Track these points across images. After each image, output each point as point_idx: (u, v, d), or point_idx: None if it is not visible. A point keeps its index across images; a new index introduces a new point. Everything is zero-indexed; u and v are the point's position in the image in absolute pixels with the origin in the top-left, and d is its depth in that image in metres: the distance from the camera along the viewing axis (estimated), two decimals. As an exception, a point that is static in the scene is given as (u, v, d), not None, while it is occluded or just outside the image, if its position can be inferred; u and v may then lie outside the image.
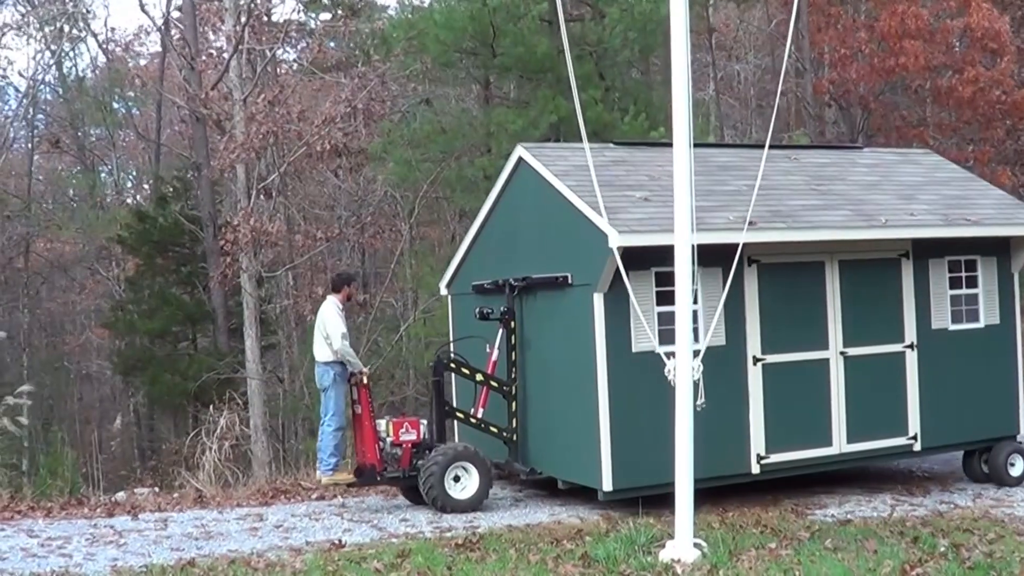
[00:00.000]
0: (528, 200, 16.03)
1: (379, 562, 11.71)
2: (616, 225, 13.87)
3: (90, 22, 40.56)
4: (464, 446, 15.44)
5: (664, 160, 16.40)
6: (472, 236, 17.52)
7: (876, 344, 15.81)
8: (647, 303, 14.30)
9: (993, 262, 16.81)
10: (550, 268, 15.18)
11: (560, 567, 11.37)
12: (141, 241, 31.40)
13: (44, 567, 12.12)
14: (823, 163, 17.77)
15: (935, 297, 16.29)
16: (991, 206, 17.21)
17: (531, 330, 15.87)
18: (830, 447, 15.56)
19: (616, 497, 14.40)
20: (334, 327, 15.03)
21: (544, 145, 17.86)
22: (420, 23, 25.06)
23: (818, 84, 34.86)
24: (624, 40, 24.53)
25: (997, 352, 16.83)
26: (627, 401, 14.28)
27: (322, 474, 15.19)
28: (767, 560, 11.53)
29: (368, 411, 15.19)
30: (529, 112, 23.63)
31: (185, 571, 11.62)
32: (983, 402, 16.58)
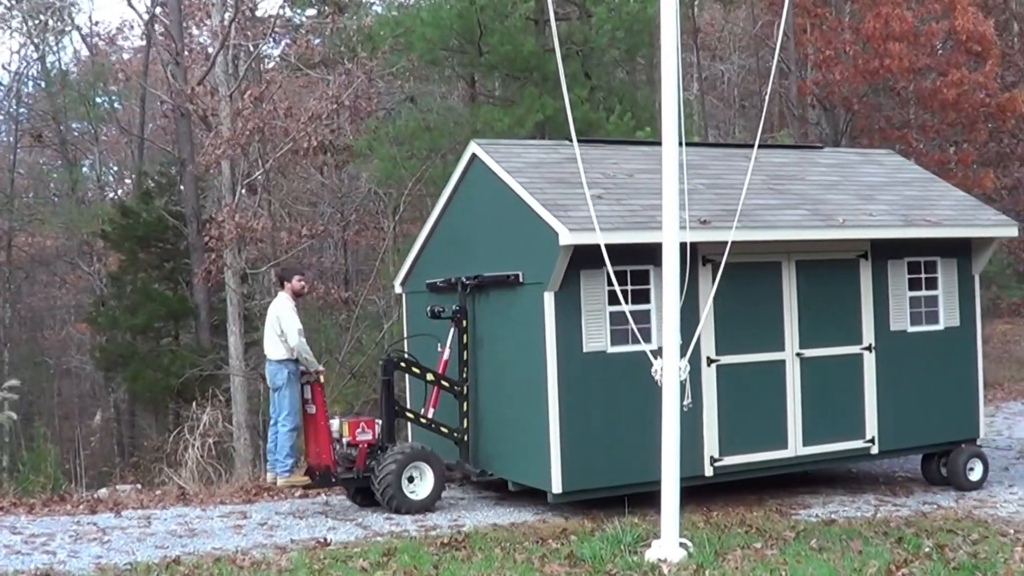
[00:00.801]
0: (481, 197, 15.85)
1: (365, 560, 11.68)
2: (567, 223, 13.75)
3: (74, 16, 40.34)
4: (419, 446, 15.34)
5: (620, 158, 16.53)
6: (426, 233, 17.29)
7: (833, 346, 15.68)
8: (599, 302, 14.24)
9: (953, 264, 16.70)
10: (502, 266, 15.03)
11: (546, 566, 11.35)
12: (124, 236, 31.30)
13: (28, 564, 12.08)
14: (782, 162, 17.57)
15: (894, 298, 16.18)
16: (952, 207, 17.10)
17: (483, 329, 15.70)
18: (785, 450, 15.41)
19: (566, 500, 14.27)
20: (289, 323, 14.70)
21: (498, 142, 17.56)
22: (406, 21, 25.04)
23: (802, 85, 34.95)
24: (611, 40, 24.55)
25: (957, 354, 16.74)
26: (578, 402, 14.13)
27: (278, 476, 14.77)
28: (753, 560, 11.52)
29: (323, 411, 14.98)
30: (515, 110, 23.62)
31: (170, 569, 11.58)
32: (942, 405, 16.49)
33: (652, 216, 14.19)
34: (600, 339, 14.19)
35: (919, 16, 31.83)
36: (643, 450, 14.13)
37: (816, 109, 36.96)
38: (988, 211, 17.42)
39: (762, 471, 15.45)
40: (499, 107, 25.12)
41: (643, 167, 16.11)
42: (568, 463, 14.03)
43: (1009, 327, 40.10)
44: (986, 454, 17.08)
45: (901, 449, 16.52)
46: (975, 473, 16.61)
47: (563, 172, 15.34)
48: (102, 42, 44.63)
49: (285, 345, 14.68)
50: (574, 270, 13.98)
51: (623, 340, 14.28)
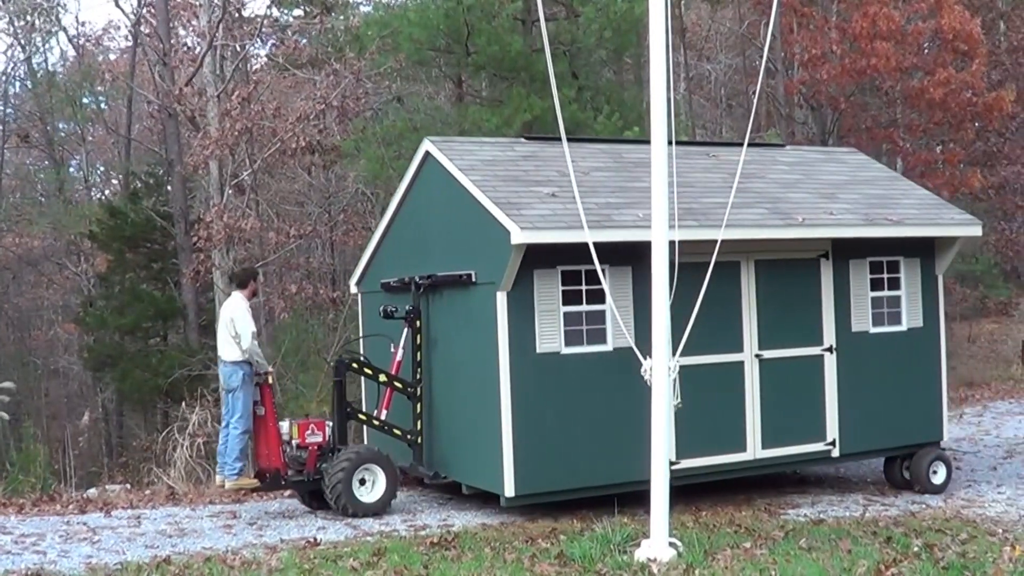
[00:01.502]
0: (435, 195, 15.65)
1: (355, 560, 11.71)
2: (519, 221, 13.57)
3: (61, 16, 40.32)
4: (371, 448, 15.19)
5: (576, 155, 15.90)
6: (381, 232, 17.10)
7: (793, 347, 15.50)
8: (552, 302, 14.08)
9: (916, 263, 16.51)
10: (456, 266, 14.87)
11: (536, 566, 11.37)
12: (112, 237, 31.26)
13: (18, 564, 12.09)
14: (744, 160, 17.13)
15: (855, 299, 15.99)
16: (915, 206, 16.91)
17: (437, 329, 15.53)
18: (744, 452, 15.22)
19: (519, 503, 14.08)
20: (244, 325, 14.48)
21: (452, 139, 17.46)
22: (394, 21, 25.05)
23: (789, 84, 34.98)
24: (599, 39, 24.59)
25: (920, 356, 16.53)
26: (531, 404, 13.94)
27: (226, 479, 14.47)
28: (742, 559, 11.55)
29: (272, 413, 14.76)
30: (503, 110, 23.65)
31: (160, 569, 11.59)
32: (905, 407, 16.29)
33: (607, 215, 14.19)
34: (554, 340, 14.05)
35: (906, 15, 31.82)
36: (599, 453, 14.29)
37: (803, 108, 37.00)
38: (952, 210, 17.29)
39: (720, 474, 15.26)
40: (487, 107, 25.16)
41: (599, 165, 16.03)
42: (521, 466, 13.86)
43: (996, 326, 40.21)
44: (949, 457, 16.92)
45: (863, 452, 16.35)
46: (938, 476, 16.41)
47: (517, 170, 15.27)
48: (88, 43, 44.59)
49: (238, 347, 14.47)
50: (527, 270, 13.83)
51: (578, 341, 14.23)
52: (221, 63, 25.77)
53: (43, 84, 40.80)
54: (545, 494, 14.16)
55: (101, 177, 47.33)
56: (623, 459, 14.12)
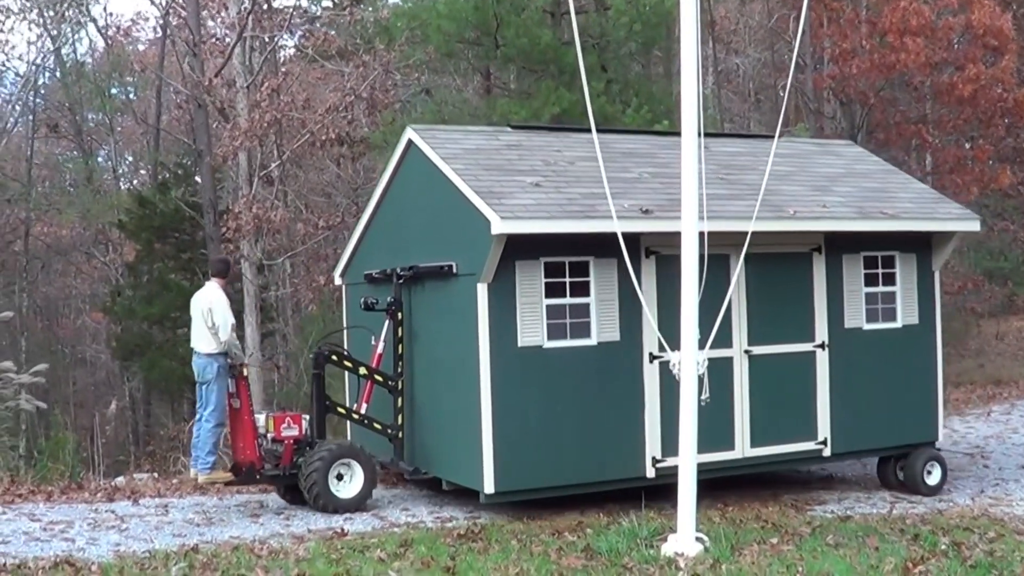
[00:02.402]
0: (417, 185, 15.37)
1: (382, 551, 11.75)
2: (499, 211, 13.25)
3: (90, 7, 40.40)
4: (348, 443, 14.98)
5: (562, 145, 15.95)
6: (364, 222, 16.88)
7: (784, 343, 15.13)
8: (535, 295, 13.79)
9: (912, 259, 16.18)
10: (437, 257, 14.56)
11: (563, 559, 11.38)
12: (141, 226, 31.39)
13: (47, 551, 12.14)
14: (735, 152, 16.92)
15: (849, 294, 15.63)
16: (911, 199, 16.58)
17: (418, 322, 15.27)
18: (732, 451, 14.87)
19: (499, 500, 13.78)
20: (223, 317, 14.15)
21: (436, 127, 17.11)
22: (423, 13, 25.05)
23: (818, 79, 34.85)
24: (628, 32, 24.53)
25: (915, 354, 16.18)
26: (512, 399, 13.64)
27: (199, 472, 14.16)
28: (769, 555, 11.55)
29: (247, 405, 14.47)
30: (532, 103, 23.64)
31: (188, 557, 11.63)
32: (899, 406, 15.96)
33: (591, 205, 13.89)
34: (536, 333, 13.75)
35: (936, 10, 31.69)
36: (583, 450, 14.02)
37: (832, 103, 36.87)
38: (949, 204, 16.96)
39: (708, 473, 14.22)
40: (515, 100, 25.13)
41: (585, 154, 15.42)
42: (502, 462, 13.57)
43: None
44: (945, 458, 16.62)
45: (855, 451, 16.06)
46: (933, 477, 16.11)
47: (501, 159, 15.01)
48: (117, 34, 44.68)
49: (216, 338, 14.13)
50: (509, 261, 13.53)
51: (561, 335, 13.96)
52: (250, 54, 25.81)
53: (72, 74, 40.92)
54: (526, 491, 13.88)
55: (129, 167, 47.49)
56: (607, 456, 14.08)
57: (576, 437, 13.94)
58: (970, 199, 31.15)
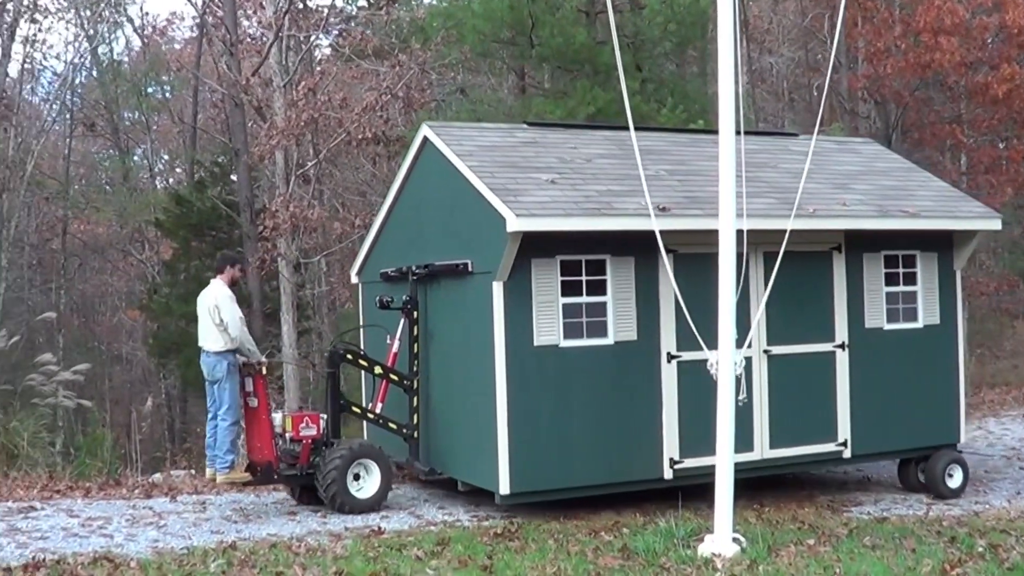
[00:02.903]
0: (432, 182, 15.25)
1: (419, 549, 11.80)
2: (515, 208, 13.10)
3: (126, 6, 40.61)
4: (365, 442, 14.84)
5: (578, 142, 15.79)
6: (381, 221, 16.74)
7: (803, 343, 14.92)
8: (551, 293, 13.62)
9: (934, 258, 15.97)
10: (453, 254, 14.39)
11: (600, 559, 11.41)
12: (178, 225, 31.52)
13: (86, 547, 12.24)
14: (753, 149, 16.21)
15: (869, 294, 15.45)
16: (932, 198, 16.35)
17: (434, 321, 15.11)
18: (751, 452, 14.56)
19: (514, 501, 13.65)
20: (230, 313, 14.00)
21: (451, 124, 17.02)
22: (458, 13, 25.10)
23: (853, 79, 34.76)
24: (663, 32, 24.52)
25: (937, 354, 15.99)
26: (528, 399, 13.50)
27: (217, 472, 14.14)
28: (806, 556, 11.56)
29: (265, 404, 14.33)
30: (567, 102, 23.67)
31: (227, 554, 11.71)
32: (920, 408, 15.76)
33: (608, 202, 13.82)
34: (552, 332, 13.59)
35: (970, 9, 31.57)
36: (599, 450, 13.87)
37: (867, 103, 36.78)
38: (971, 203, 16.74)
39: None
40: (550, 99, 25.15)
41: (603, 152, 15.61)
42: (517, 463, 13.41)
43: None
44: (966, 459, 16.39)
45: (876, 453, 15.89)
46: (954, 480, 15.91)
47: (516, 156, 14.87)
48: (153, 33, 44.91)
49: (225, 336, 13.99)
50: (525, 258, 13.37)
51: (577, 334, 13.81)
52: (286, 53, 25.90)
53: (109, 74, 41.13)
54: (542, 492, 13.75)
55: (165, 165, 47.70)
56: (624, 458, 13.95)
57: (593, 438, 13.83)
58: (1004, 199, 31.05)
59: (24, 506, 14.67)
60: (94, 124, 41.85)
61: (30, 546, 12.29)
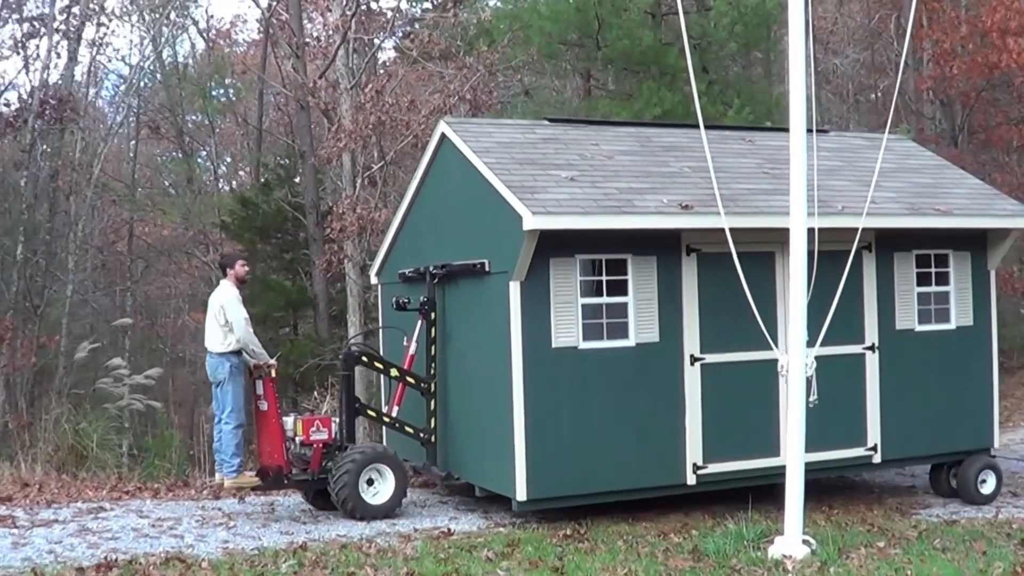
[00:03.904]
0: (450, 180, 14.93)
1: (489, 551, 11.83)
2: (531, 206, 12.76)
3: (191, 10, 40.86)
4: (379, 447, 14.72)
5: (600, 139, 15.44)
6: (399, 220, 16.43)
7: (832, 345, 13.58)
8: (570, 294, 13.29)
9: (967, 257, 15.52)
10: (471, 254, 14.05)
11: (670, 560, 11.42)
12: (244, 227, 31.66)
13: (156, 547, 12.34)
14: (780, 146, 15.27)
15: (900, 294, 14.96)
16: (965, 195, 15.88)
17: (452, 322, 14.78)
18: (776, 457, 13.89)
19: (532, 508, 13.38)
20: (235, 313, 13.86)
21: (469, 120, 16.72)
22: (524, 14, 25.14)
23: (919, 79, 34.53)
24: (729, 33, 24.48)
25: (970, 356, 15.55)
26: (546, 402, 13.17)
27: (225, 476, 13.93)
28: (876, 558, 11.54)
29: (275, 408, 14.14)
30: (634, 104, 23.67)
31: (298, 555, 11.77)
32: (953, 411, 15.33)
33: (628, 200, 13.51)
34: (571, 334, 13.26)
35: (1037, 10, 31.27)
36: (619, 456, 13.52)
37: (933, 104, 36.51)
38: (1005, 200, 16.26)
39: (751, 480, 14.22)
40: (617, 101, 25.15)
41: (624, 148, 15.27)
42: (534, 469, 13.08)
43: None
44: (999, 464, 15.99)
45: (907, 458, 15.45)
46: (987, 486, 15.49)
47: (535, 153, 14.57)
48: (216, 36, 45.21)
49: (229, 336, 13.87)
50: (543, 258, 13.05)
51: (597, 335, 13.47)
52: (352, 56, 26.00)
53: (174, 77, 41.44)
54: (560, 499, 13.46)
55: (228, 168, 48.00)
56: (646, 463, 13.65)
57: (613, 443, 13.51)
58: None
59: (94, 507, 14.80)
60: (158, 127, 42.14)
61: (101, 546, 12.40)
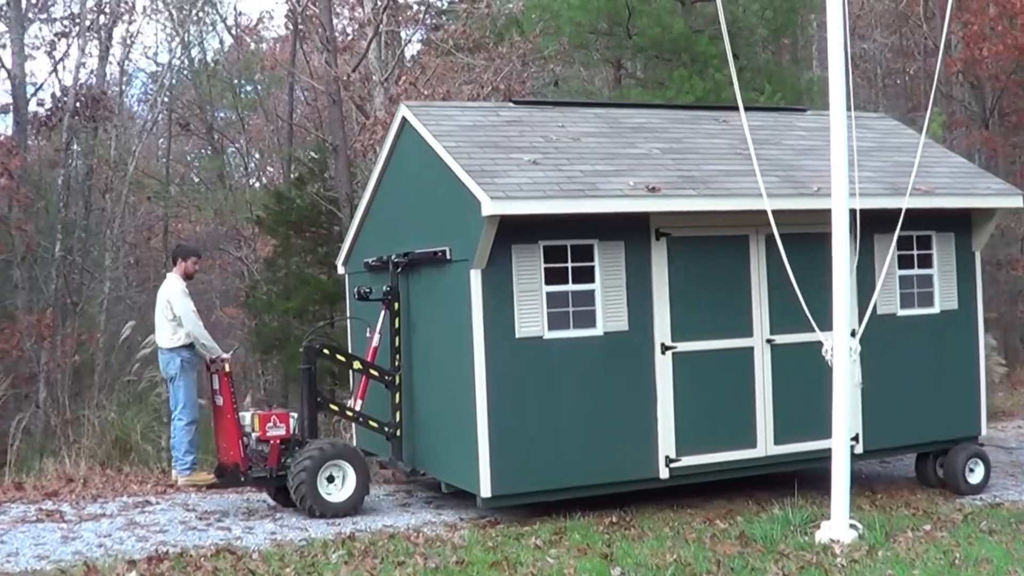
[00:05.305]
0: (411, 166, 14.50)
1: (537, 539, 11.86)
2: (490, 190, 12.28)
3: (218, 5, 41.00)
4: (340, 443, 14.39)
5: (567, 120, 15.01)
6: (363, 207, 16.08)
7: (810, 331, 12.97)
8: (534, 282, 12.80)
9: (951, 238, 14.98)
10: (432, 242, 13.60)
11: (718, 546, 11.46)
12: (278, 222, 31.68)
13: (205, 540, 12.44)
14: (756, 126, 14.95)
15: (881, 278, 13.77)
16: (947, 174, 15.31)
17: (416, 312, 14.34)
18: (754, 449, 13.76)
19: (496, 504, 12.90)
20: (182, 307, 13.66)
21: (431, 104, 16.26)
22: (555, 5, 25.13)
23: (949, 62, 34.42)
24: (760, 19, 24.46)
25: (955, 341, 15.02)
26: (510, 394, 12.69)
27: (178, 474, 13.72)
28: (924, 541, 11.58)
29: (230, 403, 13.76)
30: (666, 92, 23.65)
31: (346, 545, 11.83)
32: (938, 398, 14.80)
33: (593, 183, 13.04)
34: (535, 323, 12.78)
35: (1068, -9, 31.13)
36: (588, 449, 13.10)
37: (963, 87, 36.39)
38: (989, 179, 15.77)
39: (726, 473, 13.85)
40: (647, 89, 25.14)
41: (592, 130, 14.78)
42: (499, 463, 12.61)
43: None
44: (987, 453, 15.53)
45: (890, 448, 14.88)
46: (975, 475, 15.00)
47: (498, 136, 14.06)
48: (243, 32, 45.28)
49: (179, 331, 13.69)
50: (505, 245, 12.57)
51: (563, 324, 13.00)
52: (384, 49, 26.04)
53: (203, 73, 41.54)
54: (526, 494, 12.96)
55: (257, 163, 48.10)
56: (616, 457, 13.19)
57: (581, 436, 13.05)
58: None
59: (140, 500, 14.90)
60: (188, 124, 42.27)
61: (150, 539, 12.50)
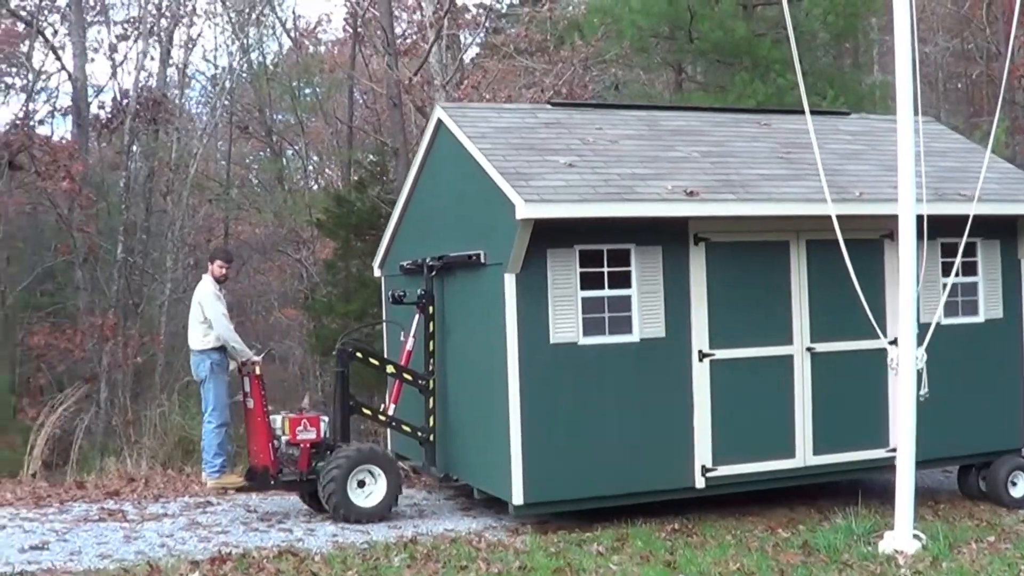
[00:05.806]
0: (447, 168, 14.42)
1: (600, 545, 11.85)
2: (525, 193, 12.16)
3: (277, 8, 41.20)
4: (372, 447, 14.23)
5: (605, 123, 14.87)
6: (400, 209, 16.03)
7: (851, 339, 13.44)
8: (569, 286, 12.65)
9: (996, 246, 14.63)
10: (467, 245, 13.49)
11: (780, 555, 11.41)
12: (339, 224, 31.76)
13: (267, 541, 12.48)
14: (798, 129, 14.82)
15: (924, 286, 13.05)
16: (994, 180, 14.77)
17: (451, 316, 14.21)
18: (792, 459, 13.57)
19: (528, 512, 12.81)
20: (213, 309, 13.60)
21: (468, 105, 16.06)
22: (616, 8, 25.09)
23: (1013, 67, 34.11)
24: (822, 23, 24.33)
25: (999, 351, 14.67)
26: (544, 401, 12.56)
27: (207, 477, 13.65)
28: (988, 553, 11.49)
29: (261, 406, 13.65)
30: (728, 96, 23.56)
31: (408, 549, 11.84)
32: (981, 409, 14.45)
33: (630, 187, 12.90)
34: (570, 329, 12.63)
35: None
36: (622, 458, 12.94)
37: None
38: None
39: (763, 483, 13.68)
40: (710, 93, 25.07)
41: (630, 133, 14.66)
42: (532, 471, 12.48)
43: None
44: None
45: (931, 460, 13.96)
46: (1018, 488, 14.67)
47: (534, 138, 13.94)
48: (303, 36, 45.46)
49: (210, 333, 13.63)
50: (540, 248, 12.43)
51: (598, 330, 12.84)
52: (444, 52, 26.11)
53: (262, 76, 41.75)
54: (560, 503, 12.87)
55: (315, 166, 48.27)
56: (651, 465, 13.03)
57: (615, 444, 12.88)
58: None
59: (201, 501, 14.99)
60: (247, 126, 42.47)
61: (212, 540, 12.57)
